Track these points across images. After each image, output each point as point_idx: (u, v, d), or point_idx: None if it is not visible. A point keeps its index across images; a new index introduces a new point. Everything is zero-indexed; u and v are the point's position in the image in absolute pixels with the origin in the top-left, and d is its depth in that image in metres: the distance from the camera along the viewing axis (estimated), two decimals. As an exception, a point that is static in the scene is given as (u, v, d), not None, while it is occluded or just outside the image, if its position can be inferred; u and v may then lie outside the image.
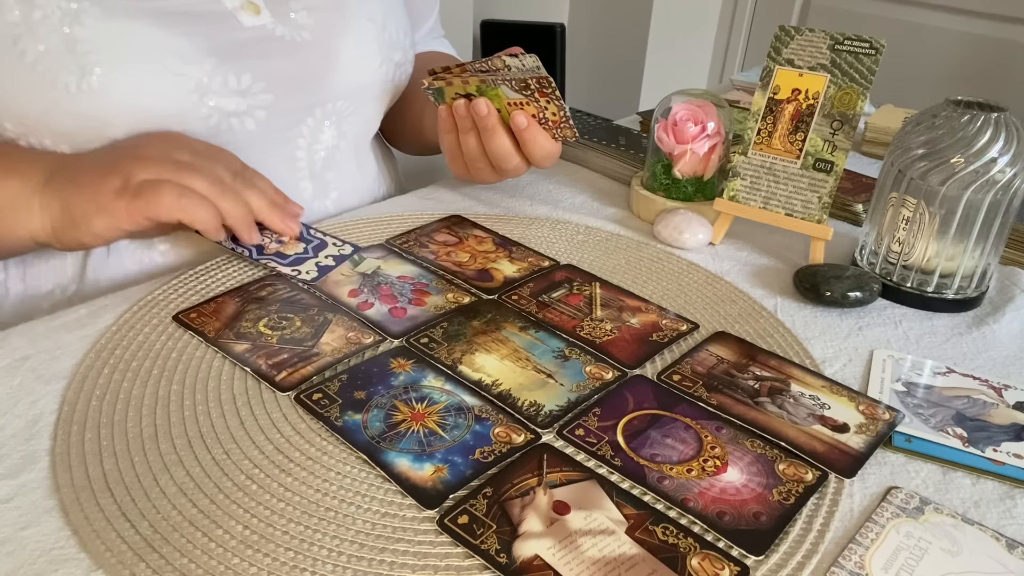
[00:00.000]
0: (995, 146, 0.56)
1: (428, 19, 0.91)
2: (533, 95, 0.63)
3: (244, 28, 0.63)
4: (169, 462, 0.41)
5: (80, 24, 0.55)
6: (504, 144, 0.66)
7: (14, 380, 0.46)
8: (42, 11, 0.55)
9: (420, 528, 0.38)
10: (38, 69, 0.55)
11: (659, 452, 0.43)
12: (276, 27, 0.65)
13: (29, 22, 0.54)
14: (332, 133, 0.72)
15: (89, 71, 0.55)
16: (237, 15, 0.63)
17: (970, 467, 0.45)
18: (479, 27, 2.24)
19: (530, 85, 0.62)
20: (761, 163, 0.67)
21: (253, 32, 0.63)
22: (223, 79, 0.61)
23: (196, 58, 0.59)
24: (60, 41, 0.55)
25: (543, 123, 0.65)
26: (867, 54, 0.62)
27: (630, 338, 0.54)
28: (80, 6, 0.55)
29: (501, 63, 0.62)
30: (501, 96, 0.64)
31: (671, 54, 2.37)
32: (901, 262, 0.62)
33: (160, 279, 0.58)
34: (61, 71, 0.55)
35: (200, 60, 0.60)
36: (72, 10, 0.55)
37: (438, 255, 0.63)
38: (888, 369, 0.53)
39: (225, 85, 0.61)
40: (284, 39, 0.65)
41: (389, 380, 0.48)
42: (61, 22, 0.55)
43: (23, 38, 0.54)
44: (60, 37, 0.55)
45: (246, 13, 0.63)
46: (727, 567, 0.37)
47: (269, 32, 0.64)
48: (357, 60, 0.70)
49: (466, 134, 0.67)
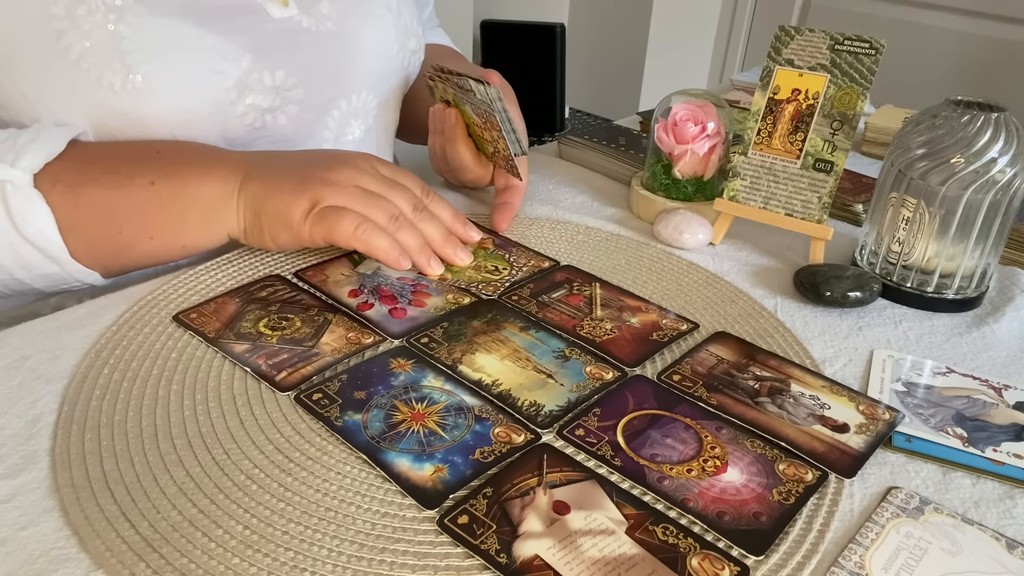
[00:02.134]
0: (995, 146, 0.56)
1: (426, 7, 0.93)
2: (487, 124, 0.64)
3: (274, 20, 0.63)
4: (169, 462, 0.41)
5: (125, 22, 0.55)
6: (462, 155, 0.68)
7: (14, 380, 0.46)
8: (87, 6, 0.54)
9: (420, 528, 0.38)
10: (82, 66, 0.55)
11: (659, 452, 0.43)
12: (303, 19, 0.65)
13: (73, 17, 0.54)
14: (360, 128, 0.73)
15: (134, 70, 0.56)
16: (267, 7, 0.63)
17: (970, 467, 0.45)
18: (479, 27, 2.24)
19: (483, 114, 0.63)
20: (761, 163, 0.67)
21: (282, 24, 0.64)
22: (259, 76, 0.62)
23: (234, 56, 0.60)
24: (105, 38, 0.55)
25: (495, 154, 0.67)
26: (867, 54, 0.62)
27: (630, 337, 0.54)
28: (125, 2, 0.55)
29: (469, 85, 0.62)
30: (468, 114, 0.66)
31: (671, 54, 2.37)
32: (901, 262, 0.62)
33: (160, 279, 0.58)
34: (106, 69, 0.55)
35: (238, 58, 0.60)
36: (117, 6, 0.55)
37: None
38: (888, 369, 0.53)
39: (261, 82, 0.62)
40: (311, 31, 0.66)
41: (389, 380, 0.48)
42: (106, 19, 0.55)
43: (68, 34, 0.54)
44: (105, 34, 0.55)
45: (275, 5, 0.64)
46: (727, 567, 0.37)
47: (297, 24, 0.65)
48: (377, 49, 0.71)
49: (435, 135, 0.70)
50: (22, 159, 0.53)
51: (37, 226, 0.53)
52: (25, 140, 0.54)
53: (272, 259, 0.61)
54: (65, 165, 0.54)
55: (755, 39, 2.25)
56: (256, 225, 0.57)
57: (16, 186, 0.52)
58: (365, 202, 0.56)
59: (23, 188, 0.52)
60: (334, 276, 0.59)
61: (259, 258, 0.61)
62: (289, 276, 0.59)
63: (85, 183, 0.54)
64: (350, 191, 0.56)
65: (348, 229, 0.55)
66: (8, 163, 0.52)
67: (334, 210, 0.55)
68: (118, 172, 0.55)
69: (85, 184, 0.54)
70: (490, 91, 0.61)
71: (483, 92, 0.61)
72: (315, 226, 0.55)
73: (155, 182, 0.55)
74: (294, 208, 0.55)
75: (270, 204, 0.56)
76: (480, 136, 0.67)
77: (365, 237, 0.55)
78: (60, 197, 0.54)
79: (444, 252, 0.60)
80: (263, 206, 0.56)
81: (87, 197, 0.54)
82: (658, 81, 2.38)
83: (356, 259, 0.61)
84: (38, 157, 0.53)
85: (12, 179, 0.52)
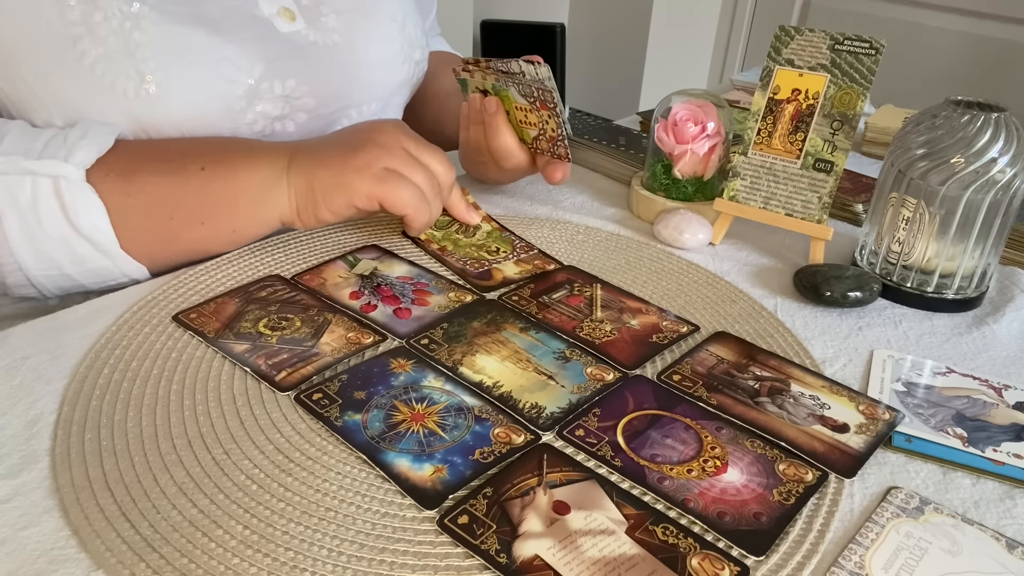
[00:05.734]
0: (995, 146, 0.56)
1: (428, 16, 0.93)
2: (535, 104, 0.63)
3: (281, 34, 0.64)
4: (169, 462, 0.41)
5: (140, 29, 0.56)
6: (507, 140, 0.68)
7: (14, 380, 0.46)
8: (103, 13, 0.55)
9: (420, 528, 0.38)
10: (97, 71, 0.56)
11: (659, 452, 0.43)
12: (310, 32, 0.66)
13: (89, 23, 0.55)
14: None
15: (148, 78, 0.57)
16: (274, 22, 0.64)
17: (970, 467, 0.45)
18: (479, 27, 2.24)
19: (535, 94, 0.62)
20: (761, 163, 0.67)
21: (290, 38, 0.65)
22: (269, 84, 0.62)
23: (247, 65, 0.61)
24: (120, 45, 0.56)
25: (541, 135, 0.66)
26: (867, 54, 0.62)
27: (630, 339, 0.54)
28: (140, 10, 0.56)
29: (518, 67, 0.62)
30: (510, 98, 0.65)
31: (671, 54, 2.37)
32: (901, 262, 0.62)
33: (160, 279, 0.58)
34: (120, 75, 0.56)
35: (250, 67, 0.61)
36: (132, 14, 0.56)
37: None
38: (888, 369, 0.53)
39: (271, 90, 0.63)
40: (317, 44, 0.67)
41: (389, 380, 0.48)
42: (121, 25, 0.55)
43: (83, 39, 0.55)
44: (120, 41, 0.55)
45: (282, 19, 0.65)
46: (727, 567, 0.37)
47: (304, 37, 0.66)
48: (383, 60, 0.72)
49: (474, 126, 0.69)
50: (75, 155, 0.54)
51: (91, 220, 0.54)
52: (76, 136, 0.55)
53: (272, 259, 0.61)
54: (117, 156, 0.55)
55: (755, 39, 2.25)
56: (310, 197, 0.57)
57: (70, 181, 0.53)
58: (412, 166, 0.58)
59: (76, 183, 0.53)
60: (332, 279, 0.58)
61: (259, 258, 0.61)
62: (289, 277, 0.59)
63: (138, 171, 0.56)
64: (399, 153, 0.58)
65: (407, 196, 0.57)
66: (61, 159, 0.53)
67: (396, 175, 0.57)
68: (169, 160, 0.57)
69: (138, 172, 0.56)
70: (541, 70, 0.61)
71: (534, 72, 0.61)
72: (375, 186, 0.56)
73: (206, 167, 0.56)
74: (348, 165, 0.57)
75: (321, 169, 0.57)
76: (522, 122, 0.67)
77: (418, 209, 0.58)
78: (112, 185, 0.55)
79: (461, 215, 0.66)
80: (315, 173, 0.57)
81: (139, 184, 0.55)
82: (658, 81, 2.38)
83: (352, 260, 0.61)
84: (90, 152, 0.54)
85: (66, 175, 0.53)
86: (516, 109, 0.66)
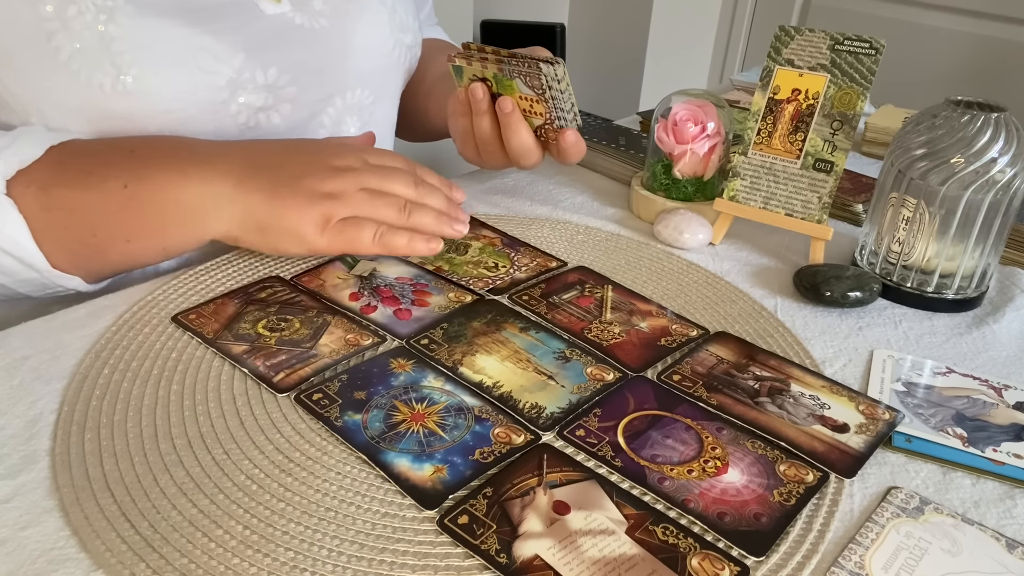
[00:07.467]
0: (995, 146, 0.56)
1: (424, 6, 0.92)
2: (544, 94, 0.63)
3: (266, 17, 0.63)
4: (169, 462, 0.41)
5: (115, 22, 0.55)
6: (526, 139, 0.66)
7: (14, 380, 0.46)
8: (77, 7, 0.54)
9: (420, 528, 0.38)
10: (72, 67, 0.54)
11: (660, 453, 0.43)
12: (296, 15, 0.65)
13: (63, 18, 0.54)
14: (356, 125, 0.72)
15: (124, 71, 0.55)
16: (259, 3, 0.63)
17: (970, 467, 0.45)
18: (479, 27, 2.24)
19: (538, 88, 0.62)
20: (761, 163, 0.67)
21: (275, 21, 0.63)
22: (251, 74, 0.61)
23: (226, 55, 0.60)
24: (95, 39, 0.54)
25: (549, 124, 0.65)
26: (867, 54, 0.62)
27: (638, 342, 0.54)
28: (115, 3, 0.55)
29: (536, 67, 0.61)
30: (515, 89, 0.64)
31: (671, 54, 2.37)
32: (901, 262, 0.62)
33: (160, 279, 0.58)
34: (96, 70, 0.55)
35: (230, 56, 0.60)
36: (107, 7, 0.55)
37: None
38: (888, 369, 0.53)
39: (253, 80, 0.62)
40: (303, 27, 0.65)
41: (389, 380, 0.48)
42: (96, 19, 0.54)
43: (57, 34, 0.54)
44: (95, 35, 0.54)
45: (268, 1, 0.63)
46: (727, 567, 0.37)
47: (289, 20, 0.64)
48: (371, 45, 0.71)
49: (480, 116, 0.66)
50: None
51: (8, 234, 0.52)
52: (3, 144, 0.53)
53: (271, 260, 0.61)
54: (41, 166, 0.53)
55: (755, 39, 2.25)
56: (258, 238, 0.56)
57: None
58: (373, 204, 0.56)
59: None
60: (331, 280, 0.58)
61: (258, 259, 0.61)
62: (288, 278, 0.59)
63: (57, 184, 0.53)
64: (356, 197, 0.56)
65: (368, 240, 0.56)
66: None
67: (352, 223, 0.55)
68: (91, 173, 0.54)
69: (57, 185, 0.53)
70: (557, 70, 0.60)
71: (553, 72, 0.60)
72: (335, 240, 0.55)
73: (128, 185, 0.53)
74: (306, 224, 0.55)
75: (278, 221, 0.55)
76: (527, 111, 0.65)
77: (385, 242, 0.56)
78: (32, 199, 0.52)
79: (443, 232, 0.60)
80: (270, 223, 0.55)
81: (59, 199, 0.53)
82: (658, 81, 2.38)
83: (350, 261, 0.61)
84: (11, 164, 0.52)
85: None
86: (520, 99, 0.65)
